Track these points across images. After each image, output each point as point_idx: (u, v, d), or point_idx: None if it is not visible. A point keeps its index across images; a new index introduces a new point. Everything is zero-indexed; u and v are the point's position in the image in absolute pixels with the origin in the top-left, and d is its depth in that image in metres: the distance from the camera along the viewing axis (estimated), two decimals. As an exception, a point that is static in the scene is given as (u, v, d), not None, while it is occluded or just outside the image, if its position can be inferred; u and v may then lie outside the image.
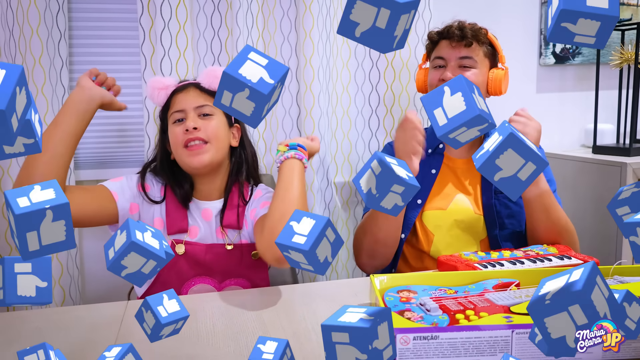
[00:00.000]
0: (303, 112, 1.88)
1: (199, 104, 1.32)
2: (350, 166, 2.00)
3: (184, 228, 1.33)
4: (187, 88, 1.36)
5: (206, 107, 1.33)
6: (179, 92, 1.36)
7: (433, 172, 1.55)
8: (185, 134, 1.29)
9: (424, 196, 1.53)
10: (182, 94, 1.35)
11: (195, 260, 1.31)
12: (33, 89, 1.67)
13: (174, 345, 0.89)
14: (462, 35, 1.50)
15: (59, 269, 1.77)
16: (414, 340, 0.77)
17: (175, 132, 1.32)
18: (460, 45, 1.51)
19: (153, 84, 1.38)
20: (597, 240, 1.95)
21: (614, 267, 1.03)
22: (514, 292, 0.94)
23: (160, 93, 1.37)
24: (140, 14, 1.75)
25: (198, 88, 1.35)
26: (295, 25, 1.87)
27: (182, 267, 1.30)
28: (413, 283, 1.00)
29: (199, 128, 1.30)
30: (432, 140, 1.58)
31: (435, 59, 1.56)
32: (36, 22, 1.65)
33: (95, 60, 1.86)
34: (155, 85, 1.38)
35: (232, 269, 1.33)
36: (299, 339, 0.90)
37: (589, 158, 2.00)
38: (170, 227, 1.32)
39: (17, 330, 0.97)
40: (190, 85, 1.37)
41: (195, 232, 1.34)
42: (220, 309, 1.04)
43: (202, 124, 1.31)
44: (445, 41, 1.54)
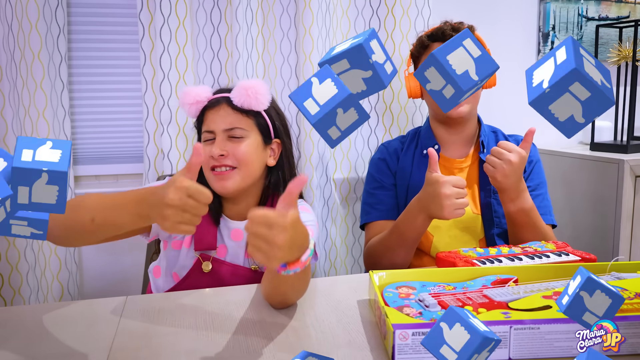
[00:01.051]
0: (302, 109, 1.88)
1: (228, 126, 1.24)
2: (349, 163, 2.01)
3: (212, 245, 1.25)
4: (218, 105, 1.27)
5: (236, 130, 1.25)
6: (210, 109, 1.27)
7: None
8: (212, 159, 1.23)
9: None
10: (212, 112, 1.27)
11: (220, 280, 1.24)
12: (32, 85, 1.67)
13: (173, 340, 0.89)
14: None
15: (57, 264, 1.77)
16: (412, 336, 0.77)
17: (204, 153, 1.24)
18: None
19: (183, 99, 1.29)
20: (595, 236, 1.95)
21: (611, 264, 1.04)
22: (512, 289, 0.95)
23: (191, 108, 1.29)
24: (139, 10, 1.75)
25: (230, 105, 1.26)
26: (294, 21, 1.87)
27: (204, 284, 1.22)
28: (412, 279, 1.01)
29: (226, 155, 1.23)
30: (427, 141, 1.58)
31: None
32: (35, 17, 1.65)
33: (94, 55, 1.87)
34: (186, 100, 1.29)
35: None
36: (298, 334, 0.90)
37: (586, 155, 2.00)
38: (198, 243, 1.25)
39: (16, 324, 0.97)
40: (222, 101, 1.27)
41: (223, 252, 1.28)
42: (220, 305, 1.04)
43: (231, 148, 1.23)
44: (438, 44, 1.51)
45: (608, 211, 1.89)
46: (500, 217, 1.51)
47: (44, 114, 1.70)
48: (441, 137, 1.58)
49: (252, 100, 1.23)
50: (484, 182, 1.52)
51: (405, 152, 1.60)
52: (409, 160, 1.58)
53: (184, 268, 1.26)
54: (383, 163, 1.61)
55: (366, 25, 1.95)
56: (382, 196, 1.57)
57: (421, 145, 1.59)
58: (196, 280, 1.24)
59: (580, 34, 2.27)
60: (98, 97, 1.89)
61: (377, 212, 1.55)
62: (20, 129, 1.70)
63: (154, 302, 1.07)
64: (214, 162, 1.23)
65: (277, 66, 1.90)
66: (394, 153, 1.61)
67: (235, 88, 1.25)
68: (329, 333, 0.90)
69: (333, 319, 0.96)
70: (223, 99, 1.27)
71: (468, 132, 1.58)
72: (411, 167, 1.57)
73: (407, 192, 1.55)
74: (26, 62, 1.67)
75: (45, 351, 0.87)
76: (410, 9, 1.92)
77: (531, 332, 0.79)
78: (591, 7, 2.27)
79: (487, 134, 1.58)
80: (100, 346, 0.87)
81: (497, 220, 1.51)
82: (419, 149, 1.59)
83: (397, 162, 1.60)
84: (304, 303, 1.04)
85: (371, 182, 1.62)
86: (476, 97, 1.54)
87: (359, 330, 0.91)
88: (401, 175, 1.58)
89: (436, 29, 1.54)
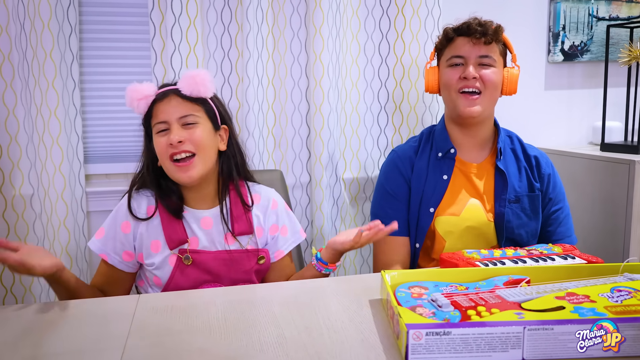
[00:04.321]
0: (312, 108, 1.88)
1: (181, 114, 1.27)
2: (358, 162, 2.01)
3: (183, 239, 1.30)
4: (167, 97, 1.29)
5: (189, 117, 1.28)
6: (159, 101, 1.29)
7: (445, 178, 1.51)
8: (170, 147, 1.26)
9: (436, 203, 1.50)
10: (163, 103, 1.29)
11: (205, 267, 1.30)
12: (44, 83, 1.68)
13: (186, 339, 0.90)
14: (483, 32, 1.46)
15: (68, 262, 1.78)
16: (426, 336, 0.77)
17: (160, 143, 1.27)
18: (480, 43, 1.47)
19: (131, 94, 1.31)
20: (605, 237, 1.94)
21: (624, 265, 1.04)
22: (525, 289, 0.95)
23: (140, 103, 1.30)
24: (150, 9, 1.76)
25: (179, 95, 1.29)
26: (305, 21, 1.88)
27: (191, 274, 1.29)
28: (424, 279, 1.01)
29: (184, 141, 1.26)
30: (443, 143, 1.54)
31: (453, 57, 1.51)
32: (47, 16, 1.66)
33: (106, 54, 1.87)
34: (134, 95, 1.30)
35: (240, 275, 1.33)
36: (310, 333, 0.90)
37: (597, 155, 2.00)
38: (170, 242, 1.30)
39: (31, 322, 0.98)
40: (170, 93, 1.30)
41: (196, 243, 1.32)
42: (232, 303, 1.04)
43: (186, 134, 1.26)
44: (464, 38, 1.49)
45: (618, 212, 1.88)
46: (514, 228, 1.49)
47: (55, 112, 1.71)
48: (456, 139, 1.55)
49: (200, 87, 1.28)
50: (499, 191, 1.50)
51: (420, 156, 1.55)
52: (425, 164, 1.54)
53: (166, 271, 1.30)
54: (395, 172, 1.56)
55: (376, 25, 1.95)
56: (392, 211, 1.53)
57: (436, 148, 1.55)
58: (183, 276, 1.29)
59: (591, 34, 2.26)
60: (109, 95, 1.90)
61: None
62: (32, 127, 1.71)
63: (166, 301, 1.08)
64: (172, 149, 1.26)
65: (288, 66, 1.90)
66: (408, 161, 1.56)
67: (183, 78, 1.29)
68: (341, 332, 0.91)
69: (345, 318, 0.96)
70: (171, 91, 1.30)
71: (483, 135, 1.55)
72: (427, 171, 1.53)
73: (421, 198, 1.51)
74: (38, 60, 1.67)
75: (60, 349, 0.87)
76: (421, 9, 1.91)
77: (545, 332, 0.79)
78: (602, 7, 2.26)
79: (503, 140, 1.55)
80: (114, 345, 0.88)
81: (510, 231, 1.49)
82: (434, 151, 1.55)
83: (412, 169, 1.55)
84: (316, 302, 1.04)
85: (381, 192, 1.58)
86: (491, 99, 1.50)
87: (372, 329, 0.92)
88: (416, 180, 1.53)
89: (463, 23, 1.51)
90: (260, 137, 1.89)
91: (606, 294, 0.91)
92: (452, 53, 1.51)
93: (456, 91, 1.49)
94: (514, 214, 1.49)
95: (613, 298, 0.89)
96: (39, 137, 1.71)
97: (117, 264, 1.32)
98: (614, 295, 0.90)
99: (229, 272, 1.32)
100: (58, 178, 1.74)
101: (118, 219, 1.33)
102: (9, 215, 1.77)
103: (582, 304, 0.86)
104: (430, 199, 1.49)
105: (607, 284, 0.95)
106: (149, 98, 1.30)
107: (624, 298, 0.89)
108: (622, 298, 0.89)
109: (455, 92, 1.49)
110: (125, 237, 1.31)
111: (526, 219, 1.50)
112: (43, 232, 1.76)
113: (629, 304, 0.87)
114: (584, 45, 2.25)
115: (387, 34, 1.95)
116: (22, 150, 1.77)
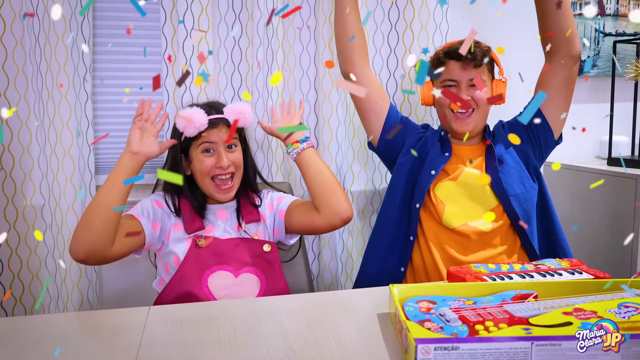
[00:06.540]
0: (321, 121, 1.90)
1: (229, 141, 1.42)
2: (366, 175, 2.02)
3: (201, 227, 1.48)
4: (218, 125, 1.45)
5: (232, 141, 1.49)
6: (210, 128, 1.44)
7: (446, 154, 1.63)
8: (218, 169, 1.45)
9: (438, 168, 1.60)
10: (214, 129, 1.45)
11: (215, 250, 1.44)
12: (57, 95, 1.71)
13: (196, 351, 0.91)
14: (472, 57, 1.55)
15: (77, 273, 1.80)
16: (434, 351, 0.78)
17: (204, 162, 1.45)
18: (470, 67, 1.57)
19: (187, 125, 1.40)
20: (613, 252, 1.95)
21: (631, 280, 1.04)
22: (532, 304, 0.95)
23: (194, 130, 1.41)
24: (163, 23, 1.79)
25: (226, 124, 1.47)
26: (314, 35, 1.89)
27: (203, 257, 1.43)
28: (432, 293, 1.02)
29: (230, 164, 1.45)
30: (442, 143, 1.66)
31: (445, 80, 1.60)
32: (62, 30, 1.69)
33: (118, 67, 1.90)
34: (189, 124, 1.40)
35: (247, 259, 1.46)
36: (320, 347, 0.91)
37: (603, 170, 2.00)
38: (189, 227, 1.47)
39: (41, 333, 0.99)
40: (220, 121, 1.46)
41: (211, 230, 1.49)
42: (241, 316, 1.05)
43: (231, 157, 1.46)
44: (455, 62, 1.58)
45: (625, 226, 1.88)
46: (511, 183, 1.57)
47: (68, 124, 1.73)
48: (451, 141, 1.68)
49: (246, 122, 1.49)
50: (489, 159, 1.61)
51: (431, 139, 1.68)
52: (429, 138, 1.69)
53: (182, 249, 1.44)
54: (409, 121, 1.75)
55: (384, 40, 1.97)
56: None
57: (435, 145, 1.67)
58: (195, 255, 1.42)
59: (597, 49, 2.27)
60: (121, 107, 1.92)
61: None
62: (44, 139, 1.74)
63: (176, 313, 1.09)
64: (219, 171, 1.46)
65: (297, 79, 1.92)
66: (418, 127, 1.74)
67: (231, 111, 1.46)
68: (350, 346, 0.91)
69: (354, 332, 0.97)
70: (220, 120, 1.47)
71: (476, 140, 1.68)
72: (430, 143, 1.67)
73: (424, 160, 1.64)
74: (52, 73, 1.70)
75: None
76: (429, 24, 1.93)
77: (552, 348, 0.79)
78: (608, 22, 2.28)
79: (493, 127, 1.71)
80: (125, 357, 0.89)
81: (509, 187, 1.57)
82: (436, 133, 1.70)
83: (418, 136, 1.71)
84: (325, 316, 1.05)
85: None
86: (483, 114, 1.62)
87: (380, 343, 0.92)
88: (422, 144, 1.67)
89: (452, 47, 1.59)
90: (269, 150, 1.91)
91: (613, 309, 0.91)
92: (444, 77, 1.61)
93: (449, 110, 1.61)
94: (506, 172, 1.59)
95: (620, 314, 0.89)
96: (51, 148, 1.74)
97: (145, 225, 1.41)
98: (621, 311, 0.90)
99: (237, 257, 1.45)
100: (69, 189, 1.76)
101: (151, 199, 1.48)
102: (19, 225, 1.79)
103: (590, 320, 0.87)
104: (432, 163, 1.62)
105: (615, 300, 0.95)
106: (202, 127, 1.42)
107: (632, 314, 0.89)
108: (630, 314, 0.89)
109: (449, 111, 1.61)
110: (157, 211, 1.45)
111: (518, 168, 1.61)
112: (53, 242, 1.78)
113: (636, 320, 0.87)
114: (591, 60, 2.26)
115: (396, 48, 1.98)
116: (34, 161, 1.79)
